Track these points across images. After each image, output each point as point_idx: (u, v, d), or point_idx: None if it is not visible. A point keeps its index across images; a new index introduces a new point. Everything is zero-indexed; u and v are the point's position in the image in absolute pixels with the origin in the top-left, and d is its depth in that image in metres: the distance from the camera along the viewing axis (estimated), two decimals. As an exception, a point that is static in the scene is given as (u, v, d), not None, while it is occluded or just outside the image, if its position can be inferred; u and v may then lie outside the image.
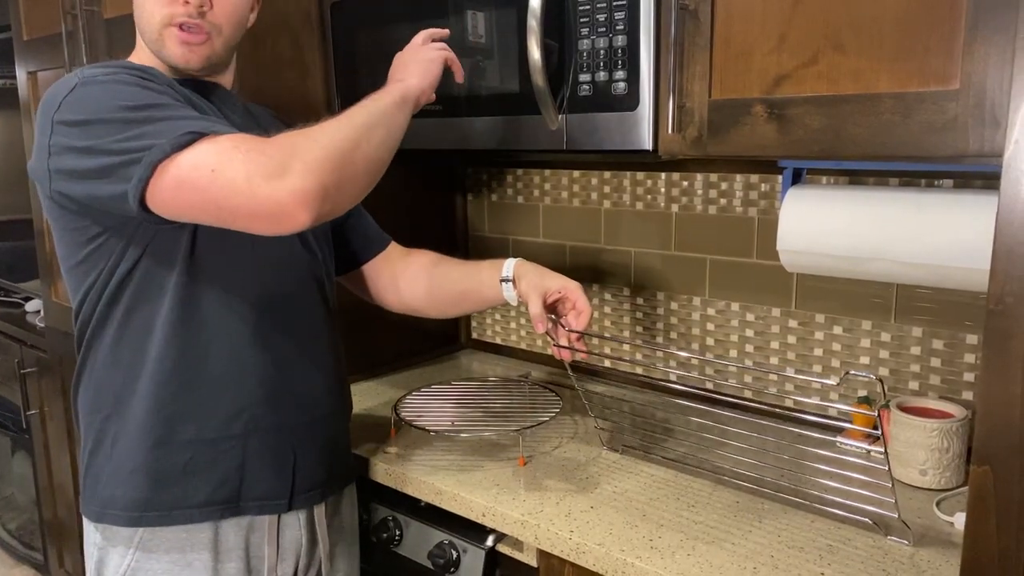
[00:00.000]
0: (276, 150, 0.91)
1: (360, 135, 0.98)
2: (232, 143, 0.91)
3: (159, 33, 1.06)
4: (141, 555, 1.09)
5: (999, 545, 0.74)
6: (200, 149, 0.91)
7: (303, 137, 0.93)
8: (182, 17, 1.05)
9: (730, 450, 1.25)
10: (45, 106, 0.99)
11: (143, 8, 1.07)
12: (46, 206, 1.06)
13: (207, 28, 1.07)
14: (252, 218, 0.91)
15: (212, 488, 1.09)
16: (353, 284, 1.38)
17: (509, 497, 1.19)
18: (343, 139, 0.95)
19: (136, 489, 1.07)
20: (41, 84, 1.99)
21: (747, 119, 1.07)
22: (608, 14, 1.16)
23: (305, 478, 1.16)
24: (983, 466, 0.74)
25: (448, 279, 1.32)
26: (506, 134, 1.34)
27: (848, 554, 1.02)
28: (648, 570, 1.00)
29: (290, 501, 1.14)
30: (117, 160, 0.92)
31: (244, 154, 0.90)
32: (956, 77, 0.91)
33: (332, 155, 0.93)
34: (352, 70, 1.55)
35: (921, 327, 1.32)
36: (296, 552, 1.17)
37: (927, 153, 0.94)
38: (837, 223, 1.13)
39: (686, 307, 1.59)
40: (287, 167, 0.89)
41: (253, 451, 1.11)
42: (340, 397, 1.25)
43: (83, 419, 1.14)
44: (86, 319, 1.10)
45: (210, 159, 0.90)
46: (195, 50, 1.07)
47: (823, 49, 1.00)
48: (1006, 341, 0.71)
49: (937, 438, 1.18)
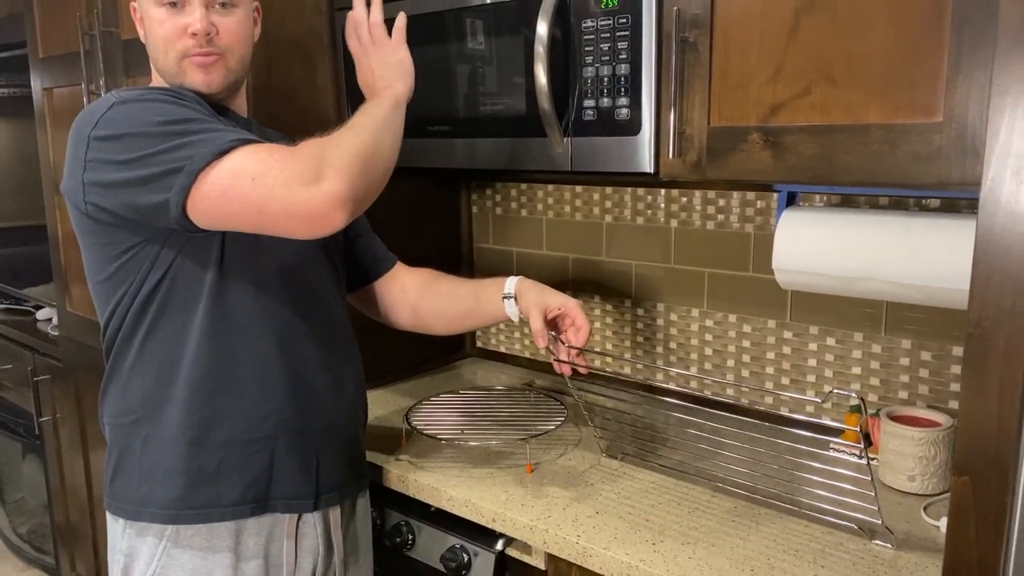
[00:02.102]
0: (309, 156, 0.99)
1: (376, 140, 1.07)
2: (267, 152, 0.99)
3: (178, 67, 1.13)
4: (171, 548, 1.14)
5: (978, 551, 0.80)
6: (238, 158, 0.98)
7: (329, 144, 1.01)
8: (195, 48, 1.11)
9: (726, 459, 1.31)
10: (80, 124, 1.06)
11: (156, 49, 1.14)
12: (77, 221, 1.11)
13: (218, 51, 1.13)
14: (291, 221, 0.98)
15: (243, 487, 1.15)
16: (361, 302, 1.44)
17: (518, 503, 1.25)
18: (363, 144, 1.04)
19: (172, 488, 1.13)
20: (56, 100, 2.05)
21: (744, 146, 1.13)
22: (612, 44, 1.22)
23: (327, 480, 1.22)
24: (963, 476, 0.80)
25: (453, 297, 1.39)
26: (513, 155, 1.40)
27: (839, 558, 1.08)
28: (652, 572, 1.06)
29: (315, 501, 1.20)
30: (158, 170, 0.99)
31: (280, 162, 0.98)
32: (940, 110, 0.97)
33: (357, 159, 1.01)
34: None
35: (910, 339, 1.38)
36: (313, 558, 1.23)
37: (913, 181, 1.00)
38: (829, 245, 1.19)
39: (685, 318, 1.65)
40: (321, 172, 0.97)
41: (281, 452, 1.17)
42: (359, 402, 1.31)
43: (110, 423, 1.19)
44: (115, 329, 1.15)
45: (249, 167, 0.97)
46: (213, 72, 1.13)
47: (816, 81, 1.07)
48: (984, 362, 0.77)
49: (924, 446, 1.24)
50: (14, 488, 2.84)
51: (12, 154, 2.84)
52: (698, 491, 1.28)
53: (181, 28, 1.11)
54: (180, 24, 1.11)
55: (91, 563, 2.39)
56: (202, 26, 1.10)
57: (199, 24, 1.10)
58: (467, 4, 1.39)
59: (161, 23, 1.11)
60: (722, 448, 1.29)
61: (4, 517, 2.90)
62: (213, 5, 1.12)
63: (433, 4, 1.44)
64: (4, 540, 2.92)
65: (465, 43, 1.42)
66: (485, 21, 1.38)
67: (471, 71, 1.42)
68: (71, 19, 1.87)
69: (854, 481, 1.14)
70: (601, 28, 1.23)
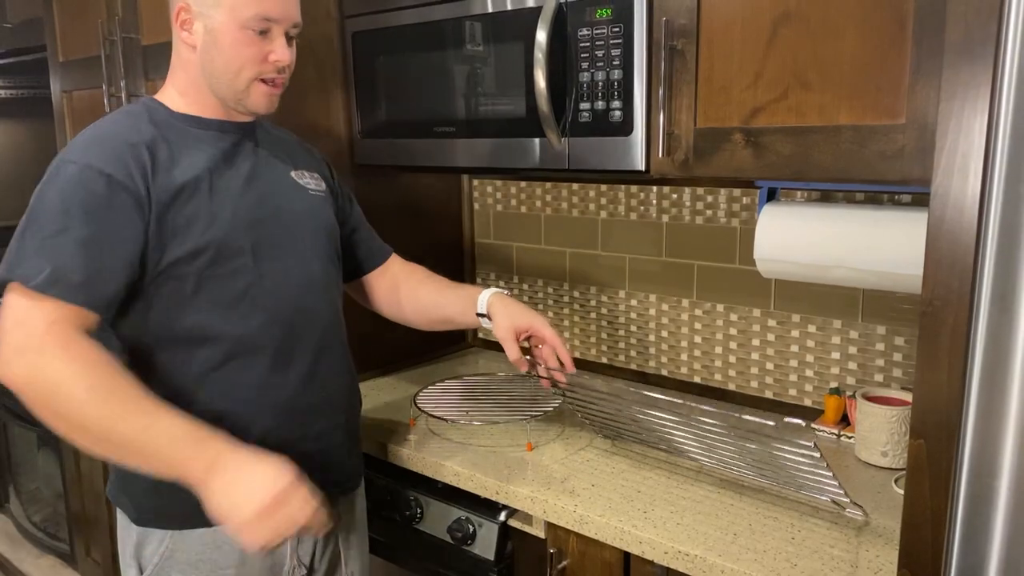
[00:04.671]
0: (35, 355, 1.00)
1: (109, 445, 1.02)
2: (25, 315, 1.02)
3: (246, 87, 1.17)
4: (178, 534, 1.20)
5: (932, 505, 0.89)
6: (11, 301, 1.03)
7: (77, 382, 0.99)
8: (270, 75, 1.17)
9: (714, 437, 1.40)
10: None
11: (226, 67, 1.16)
12: None
13: (284, 79, 1.20)
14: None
15: None
16: (354, 291, 1.51)
17: (519, 477, 1.34)
18: (92, 424, 1.00)
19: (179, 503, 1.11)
20: (76, 102, 2.14)
21: (727, 145, 1.23)
22: (606, 51, 1.32)
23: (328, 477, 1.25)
24: (918, 440, 0.89)
25: (435, 303, 1.44)
26: (513, 154, 1.49)
27: (816, 523, 1.18)
28: (643, 537, 1.16)
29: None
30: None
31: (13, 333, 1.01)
32: (903, 113, 1.07)
33: (72, 421, 1.00)
34: (372, 93, 1.70)
35: (885, 326, 1.48)
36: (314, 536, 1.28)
37: (880, 177, 1.10)
38: (804, 236, 1.30)
39: (675, 308, 1.75)
40: (22, 364, 1.00)
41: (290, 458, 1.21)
42: (354, 397, 1.37)
43: None
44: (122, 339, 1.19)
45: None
46: (275, 98, 1.20)
47: (792, 86, 1.16)
48: (935, 337, 0.87)
49: (896, 423, 1.34)
50: (29, 478, 2.92)
51: (29, 153, 2.92)
52: (687, 466, 1.37)
53: (263, 55, 1.15)
54: (263, 51, 1.15)
55: (107, 549, 2.47)
56: (289, 60, 1.17)
57: (287, 58, 1.17)
58: (470, 13, 1.49)
59: (246, 45, 1.14)
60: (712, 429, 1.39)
61: (19, 506, 2.99)
62: (289, 39, 1.18)
63: (438, 12, 1.53)
64: (20, 528, 3.00)
65: (468, 49, 1.52)
66: (487, 29, 1.48)
67: (474, 76, 1.52)
68: (91, 24, 1.96)
69: (835, 455, 1.23)
70: (596, 36, 1.32)
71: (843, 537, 1.14)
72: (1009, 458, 0.83)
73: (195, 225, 1.13)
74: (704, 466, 1.35)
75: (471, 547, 1.39)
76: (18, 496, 2.99)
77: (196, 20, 1.15)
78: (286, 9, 1.17)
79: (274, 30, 1.16)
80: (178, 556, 1.20)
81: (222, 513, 0.99)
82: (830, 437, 1.49)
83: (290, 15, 1.18)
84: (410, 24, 1.59)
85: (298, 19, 1.19)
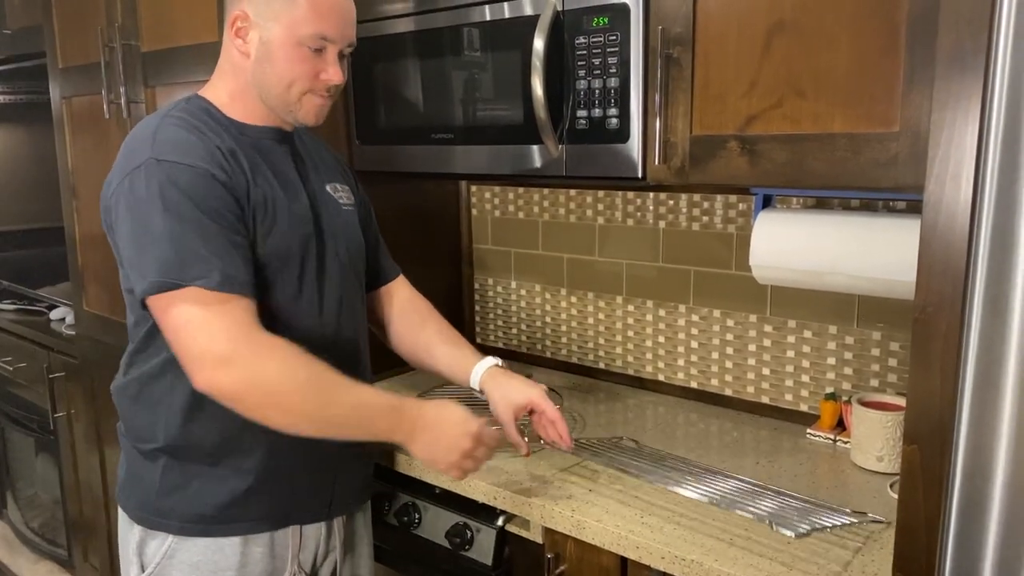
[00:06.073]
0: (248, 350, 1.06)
1: (328, 427, 1.11)
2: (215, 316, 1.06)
3: (298, 100, 1.18)
4: (179, 538, 1.21)
5: (925, 510, 0.90)
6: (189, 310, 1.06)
7: (284, 375, 1.07)
8: (322, 91, 1.18)
9: (712, 444, 1.41)
10: (133, 145, 1.13)
11: (280, 79, 1.16)
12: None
13: (335, 93, 1.22)
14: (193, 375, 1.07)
15: (265, 510, 1.22)
16: None
17: (517, 482, 1.35)
18: (313, 412, 1.08)
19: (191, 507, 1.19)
20: (75, 108, 2.14)
21: (723, 153, 1.24)
22: (603, 59, 1.33)
23: (344, 489, 1.30)
24: (912, 445, 0.90)
25: (430, 353, 1.42)
26: (511, 160, 1.50)
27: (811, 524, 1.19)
28: (640, 542, 1.17)
29: (329, 510, 1.29)
30: (145, 257, 1.08)
31: (207, 338, 1.06)
32: (896, 121, 1.08)
33: (279, 400, 1.07)
34: (370, 100, 1.71)
35: (880, 331, 1.49)
36: (316, 540, 1.30)
37: (874, 185, 1.11)
38: (799, 242, 1.31)
39: (672, 314, 1.76)
40: (232, 367, 1.05)
41: (302, 480, 1.24)
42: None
43: (128, 442, 1.25)
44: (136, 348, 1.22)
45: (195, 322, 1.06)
46: (324, 112, 1.21)
47: (787, 94, 1.18)
48: (928, 343, 0.88)
49: (891, 428, 1.35)
50: (27, 483, 2.92)
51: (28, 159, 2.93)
52: (682, 473, 1.38)
53: (316, 72, 1.16)
54: (316, 68, 1.16)
55: (105, 555, 2.47)
56: (341, 80, 1.18)
57: (339, 78, 1.18)
58: (469, 21, 1.50)
59: (299, 62, 1.15)
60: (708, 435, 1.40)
61: (17, 512, 2.99)
62: (342, 56, 1.19)
63: (438, 20, 1.55)
64: (18, 534, 3.00)
65: (466, 57, 1.53)
66: (485, 37, 1.49)
67: (472, 83, 1.53)
68: (91, 31, 1.97)
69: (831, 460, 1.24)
70: (593, 44, 1.33)
71: (838, 542, 1.15)
72: (1002, 463, 0.84)
73: (270, 235, 1.15)
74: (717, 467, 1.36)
75: (469, 552, 1.40)
76: (16, 501, 3.00)
77: (252, 30, 1.15)
78: (343, 29, 1.18)
79: (329, 49, 1.17)
80: (180, 556, 1.21)
81: (428, 462, 1.18)
82: (826, 442, 1.49)
83: (347, 35, 1.18)
84: (408, 32, 1.60)
85: (354, 39, 1.20)
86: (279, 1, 1.13)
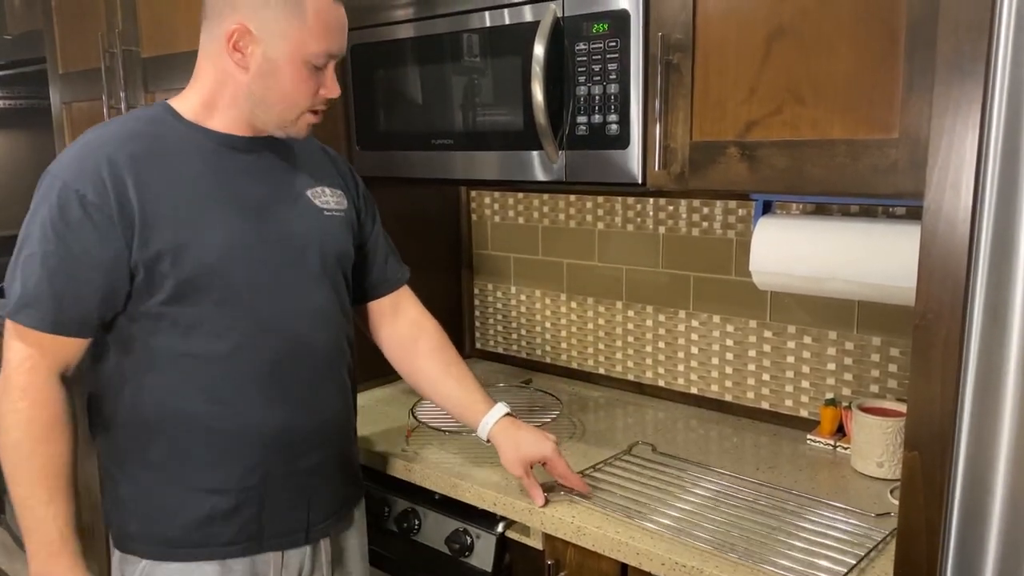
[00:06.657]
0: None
1: (11, 495, 1.14)
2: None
3: (297, 116, 1.17)
4: (152, 562, 1.18)
5: (926, 516, 0.90)
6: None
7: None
8: (321, 106, 1.19)
9: (712, 450, 1.41)
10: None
11: (284, 98, 1.15)
12: None
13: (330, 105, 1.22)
14: None
15: (234, 532, 1.18)
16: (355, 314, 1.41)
17: (517, 488, 1.35)
18: (9, 475, 1.13)
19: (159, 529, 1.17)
20: (76, 113, 2.15)
21: (722, 158, 1.24)
22: (603, 65, 1.33)
23: (320, 511, 1.26)
24: (912, 451, 0.90)
25: (435, 388, 1.39)
26: (511, 166, 1.50)
27: (812, 534, 1.19)
28: (640, 548, 1.16)
29: (306, 535, 1.24)
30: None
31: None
32: (896, 127, 1.09)
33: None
34: (370, 105, 1.71)
35: (880, 337, 1.49)
36: (300, 562, 1.25)
37: (873, 191, 1.11)
38: (800, 248, 1.31)
39: (672, 319, 1.76)
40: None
41: (272, 497, 1.19)
42: (349, 425, 1.34)
43: (100, 455, 1.23)
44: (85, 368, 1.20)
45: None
46: (316, 125, 1.21)
47: (786, 101, 1.18)
48: (928, 350, 0.88)
49: (892, 434, 1.35)
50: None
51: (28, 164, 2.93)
52: (683, 479, 1.38)
53: (316, 88, 1.15)
54: (317, 84, 1.15)
55: (103, 561, 2.46)
56: (338, 93, 1.18)
57: (338, 92, 1.18)
58: (469, 27, 1.50)
59: (304, 80, 1.14)
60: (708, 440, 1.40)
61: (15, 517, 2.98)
62: (336, 69, 1.19)
63: (438, 27, 1.55)
64: (16, 539, 2.99)
65: (466, 63, 1.53)
66: (485, 43, 1.49)
67: (472, 89, 1.53)
68: (91, 36, 1.97)
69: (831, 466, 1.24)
70: (593, 51, 1.34)
71: (839, 548, 1.15)
72: (1003, 470, 0.84)
73: (187, 249, 1.11)
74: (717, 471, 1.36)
75: (469, 558, 1.39)
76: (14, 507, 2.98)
77: (255, 45, 1.11)
78: (343, 43, 1.18)
79: (329, 64, 1.16)
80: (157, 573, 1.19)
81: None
82: (826, 448, 1.49)
83: (344, 47, 1.19)
84: (408, 38, 1.60)
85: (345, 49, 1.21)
86: (286, 18, 1.10)
